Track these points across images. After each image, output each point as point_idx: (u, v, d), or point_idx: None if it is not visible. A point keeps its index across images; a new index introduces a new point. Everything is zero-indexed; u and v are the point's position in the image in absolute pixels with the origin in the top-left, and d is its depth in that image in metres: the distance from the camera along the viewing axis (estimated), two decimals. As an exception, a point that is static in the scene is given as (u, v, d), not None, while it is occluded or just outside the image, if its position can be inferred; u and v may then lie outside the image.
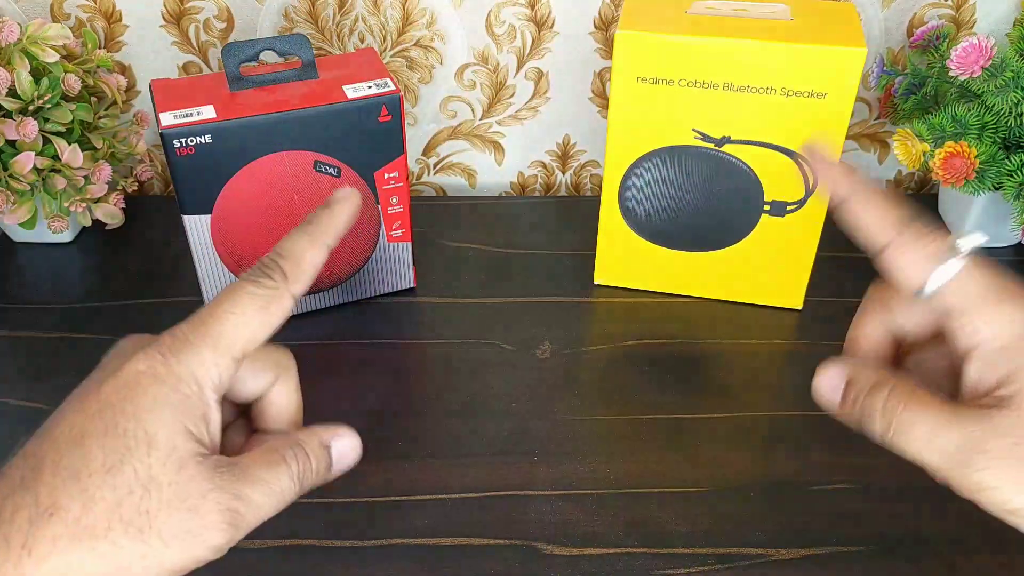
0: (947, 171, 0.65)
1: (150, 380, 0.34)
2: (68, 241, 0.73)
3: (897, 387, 0.36)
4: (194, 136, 0.55)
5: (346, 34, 0.75)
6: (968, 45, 0.63)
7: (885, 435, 0.36)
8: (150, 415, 0.33)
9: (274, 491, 0.35)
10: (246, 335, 0.35)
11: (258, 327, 0.36)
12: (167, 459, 0.33)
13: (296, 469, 0.36)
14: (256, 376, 0.39)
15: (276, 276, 0.36)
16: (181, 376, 0.34)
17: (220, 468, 0.34)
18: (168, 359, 0.35)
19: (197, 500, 0.33)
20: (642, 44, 0.58)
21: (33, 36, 0.64)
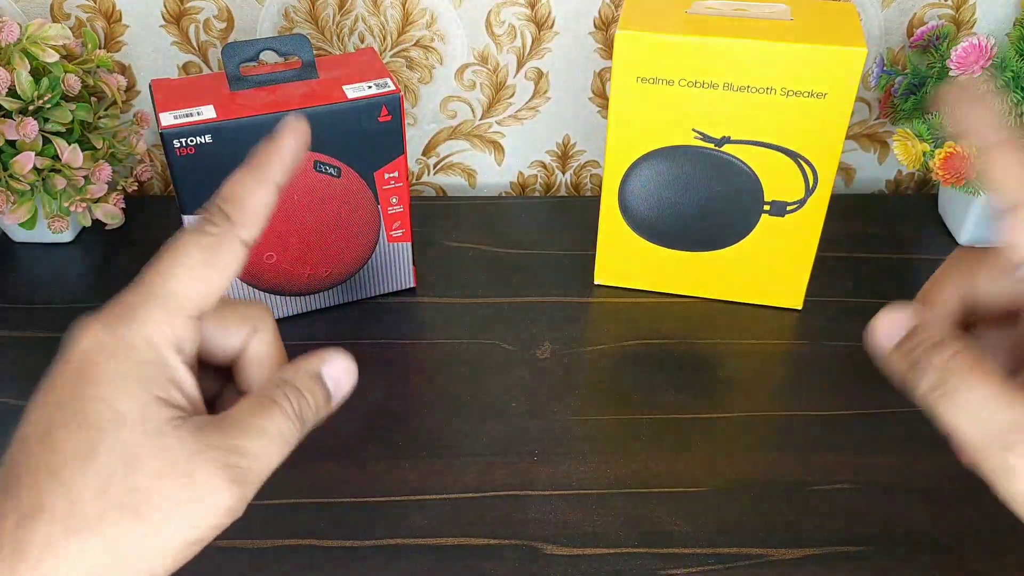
0: (947, 171, 0.65)
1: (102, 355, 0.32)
2: (68, 241, 0.73)
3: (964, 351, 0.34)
4: (194, 136, 0.55)
5: (346, 34, 0.75)
6: (968, 45, 0.63)
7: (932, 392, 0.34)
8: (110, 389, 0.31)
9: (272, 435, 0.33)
10: (197, 289, 0.33)
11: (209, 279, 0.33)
12: (142, 431, 0.31)
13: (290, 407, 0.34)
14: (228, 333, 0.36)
15: (219, 221, 0.34)
16: (134, 343, 0.32)
17: (205, 427, 0.32)
18: (116, 329, 0.32)
19: (188, 464, 0.31)
20: (642, 44, 0.58)
21: (33, 36, 0.64)
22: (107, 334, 0.32)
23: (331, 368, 0.35)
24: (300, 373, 0.35)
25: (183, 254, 0.33)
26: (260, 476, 0.33)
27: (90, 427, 0.31)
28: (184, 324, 0.33)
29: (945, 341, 0.34)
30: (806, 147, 0.59)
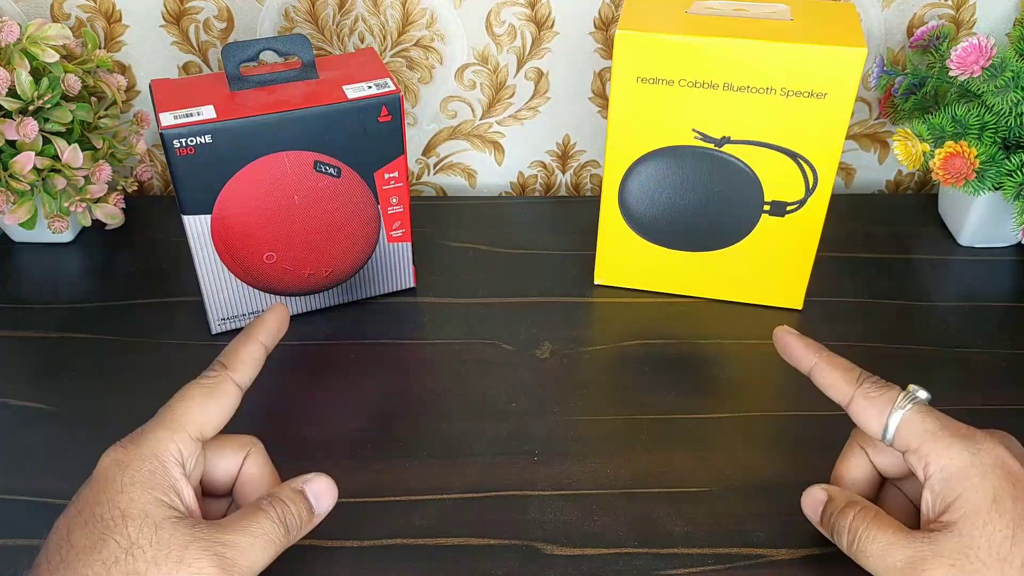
0: (947, 171, 0.65)
1: (116, 468, 0.39)
2: (68, 241, 0.73)
3: (864, 510, 0.42)
4: (194, 136, 0.55)
5: (346, 34, 0.75)
6: (968, 45, 0.63)
7: (851, 548, 0.42)
8: (121, 496, 0.38)
9: (257, 534, 0.40)
10: (197, 416, 0.41)
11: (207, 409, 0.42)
12: (143, 525, 0.37)
13: (275, 512, 0.41)
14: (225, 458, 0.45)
15: (216, 368, 0.44)
16: (143, 456, 0.39)
17: (199, 524, 0.39)
18: (129, 448, 0.40)
19: (181, 551, 0.37)
20: (642, 44, 0.58)
21: (33, 36, 0.64)
22: (123, 453, 0.40)
23: (313, 485, 0.44)
24: (285, 488, 0.43)
25: (188, 393, 0.42)
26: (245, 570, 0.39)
27: (99, 524, 0.37)
28: (185, 441, 0.41)
29: (848, 505, 0.43)
30: (806, 147, 0.59)
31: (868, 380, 0.44)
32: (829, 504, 0.44)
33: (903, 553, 0.39)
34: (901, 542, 0.40)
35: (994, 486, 0.39)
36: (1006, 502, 0.38)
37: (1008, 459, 0.40)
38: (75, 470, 0.54)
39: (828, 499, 0.44)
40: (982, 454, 0.40)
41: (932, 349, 0.63)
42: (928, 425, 0.41)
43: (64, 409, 0.59)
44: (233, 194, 0.58)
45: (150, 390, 0.59)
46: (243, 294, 0.63)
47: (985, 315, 0.67)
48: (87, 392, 0.60)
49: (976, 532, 0.38)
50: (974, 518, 0.38)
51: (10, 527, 0.51)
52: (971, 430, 0.42)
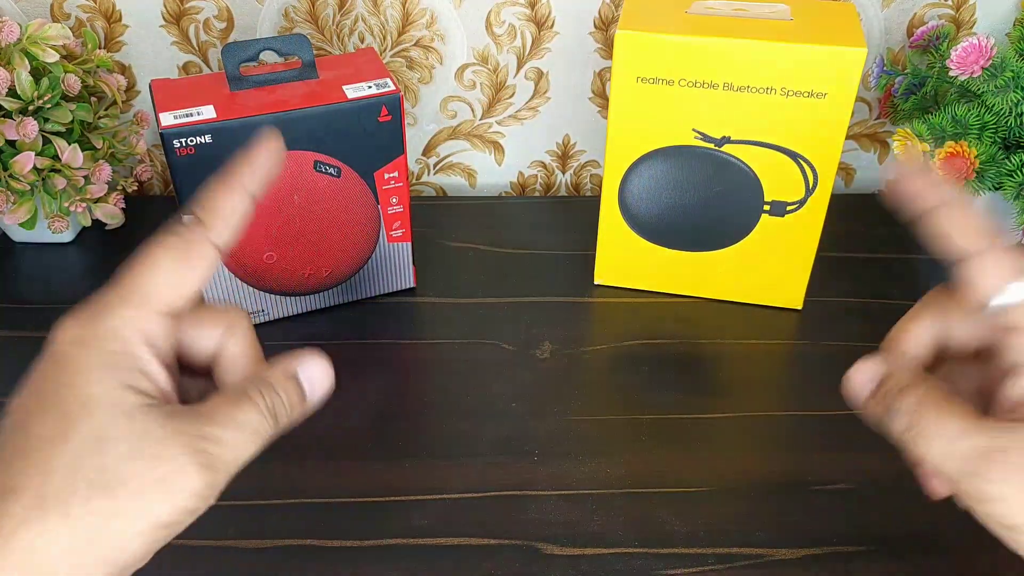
0: (947, 171, 0.65)
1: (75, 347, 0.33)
2: (68, 241, 0.73)
3: (931, 390, 0.37)
4: (194, 136, 0.55)
5: (346, 34, 0.75)
6: (968, 45, 0.63)
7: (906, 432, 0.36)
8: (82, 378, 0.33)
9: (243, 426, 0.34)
10: (167, 287, 0.35)
11: (179, 278, 0.35)
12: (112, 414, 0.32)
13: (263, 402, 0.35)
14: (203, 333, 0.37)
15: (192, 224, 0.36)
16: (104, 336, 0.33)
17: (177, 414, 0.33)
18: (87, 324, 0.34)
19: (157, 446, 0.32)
20: (642, 44, 0.58)
21: (33, 36, 0.64)
22: (80, 328, 0.33)
23: (307, 369, 0.37)
24: (276, 372, 0.36)
25: (155, 255, 0.35)
26: (230, 465, 0.34)
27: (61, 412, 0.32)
28: (155, 320, 0.34)
29: (912, 384, 0.37)
30: (806, 147, 0.59)
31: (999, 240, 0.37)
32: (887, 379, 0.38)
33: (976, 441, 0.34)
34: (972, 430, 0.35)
35: None
36: None
37: None
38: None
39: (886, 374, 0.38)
40: None
41: (932, 349, 0.63)
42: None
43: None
44: (233, 194, 0.58)
45: (150, 390, 0.60)
46: (243, 294, 0.63)
47: (985, 315, 0.67)
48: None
49: None
50: None
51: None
52: None
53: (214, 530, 0.50)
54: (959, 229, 0.38)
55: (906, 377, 0.38)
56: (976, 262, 0.37)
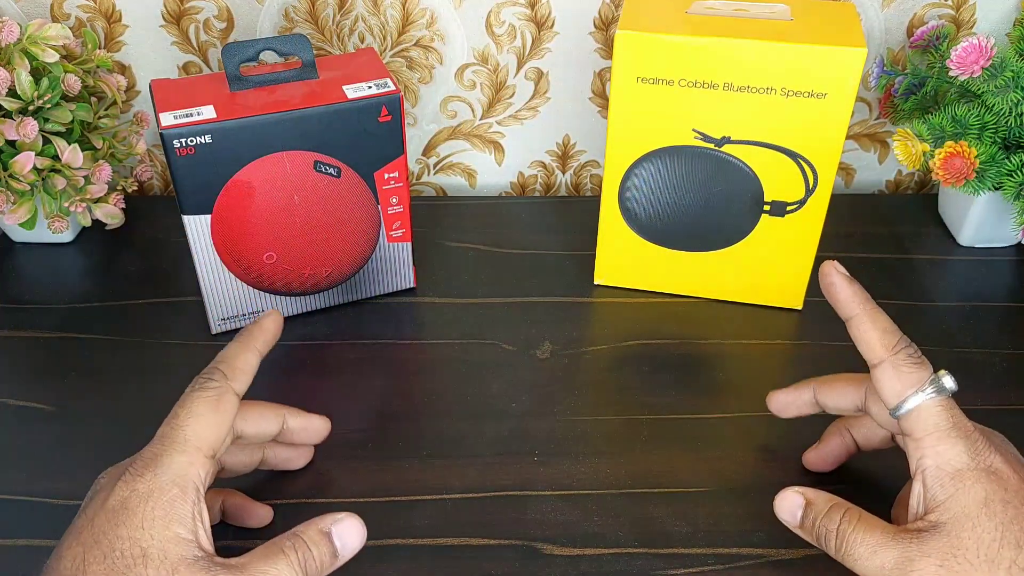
0: (947, 171, 0.65)
1: (136, 500, 0.37)
2: (68, 241, 0.73)
3: (849, 512, 0.42)
4: (194, 136, 0.55)
5: (346, 34, 0.75)
6: (968, 45, 0.63)
7: (838, 553, 0.42)
8: (141, 532, 0.37)
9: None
10: (210, 435, 0.40)
11: (216, 424, 0.40)
12: (160, 567, 0.36)
13: (296, 558, 0.39)
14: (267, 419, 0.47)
15: (217, 377, 0.42)
16: (163, 486, 0.38)
17: (215, 567, 0.37)
18: (146, 476, 0.38)
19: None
20: (642, 44, 0.58)
21: (33, 36, 0.64)
22: (142, 483, 0.38)
23: (341, 528, 0.41)
24: (311, 528, 0.40)
25: (193, 407, 0.40)
26: None
27: (119, 562, 0.36)
28: (202, 463, 0.39)
29: (833, 507, 0.42)
30: (806, 147, 0.59)
31: (905, 350, 0.42)
32: (809, 508, 0.43)
33: (891, 554, 0.39)
34: (889, 543, 0.40)
35: (986, 489, 0.39)
36: (996, 505, 0.39)
37: (1001, 464, 0.40)
38: (75, 470, 0.54)
39: (807, 503, 0.44)
40: (979, 458, 0.40)
41: (932, 349, 0.63)
42: (941, 421, 0.41)
43: (64, 409, 0.59)
44: (233, 194, 0.58)
45: (150, 390, 0.60)
46: (243, 294, 0.63)
47: (985, 315, 0.67)
48: (87, 392, 0.60)
49: (965, 534, 0.38)
50: (963, 520, 0.39)
51: (10, 527, 0.51)
52: (974, 430, 0.41)
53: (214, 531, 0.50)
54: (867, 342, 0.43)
55: (826, 502, 0.43)
56: (880, 374, 0.43)
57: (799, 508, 0.43)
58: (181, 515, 0.37)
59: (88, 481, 0.44)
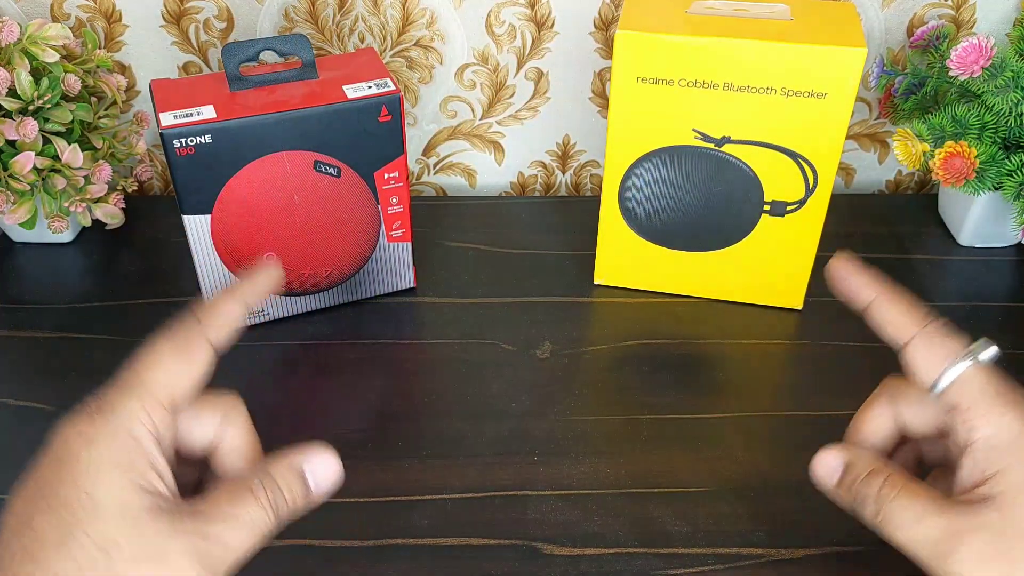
0: (947, 171, 0.65)
1: (81, 444, 0.34)
2: (68, 241, 0.73)
3: (892, 476, 0.39)
4: (194, 136, 0.55)
5: (346, 34, 0.75)
6: (968, 45, 0.63)
7: (875, 518, 0.39)
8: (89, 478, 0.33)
9: (244, 523, 0.35)
10: (169, 380, 0.35)
11: (179, 372, 0.36)
12: (119, 518, 0.32)
13: (265, 498, 0.35)
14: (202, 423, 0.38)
15: (189, 321, 0.37)
16: (114, 433, 0.34)
17: (181, 514, 0.34)
18: (96, 419, 0.34)
19: (161, 550, 0.33)
20: (642, 44, 0.58)
21: (33, 36, 0.64)
22: (88, 425, 0.34)
23: (312, 463, 0.37)
24: (280, 465, 0.36)
25: (156, 351, 0.36)
26: (230, 562, 0.34)
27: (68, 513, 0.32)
28: (159, 413, 0.35)
29: (874, 472, 0.39)
30: (806, 147, 0.59)
31: (934, 323, 0.39)
32: (850, 470, 0.40)
33: (939, 524, 0.36)
34: (936, 512, 0.37)
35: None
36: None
37: None
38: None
39: (847, 464, 0.40)
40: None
41: (932, 349, 0.63)
42: (987, 386, 0.38)
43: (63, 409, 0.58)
44: (233, 194, 0.58)
45: (150, 390, 0.60)
46: (243, 294, 0.63)
47: (985, 315, 0.67)
48: (87, 392, 0.59)
49: (1018, 509, 0.35)
50: (1017, 494, 0.36)
51: (10, 527, 0.51)
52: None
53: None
54: (891, 322, 0.40)
55: (867, 464, 0.40)
56: (912, 350, 0.39)
57: (837, 470, 0.40)
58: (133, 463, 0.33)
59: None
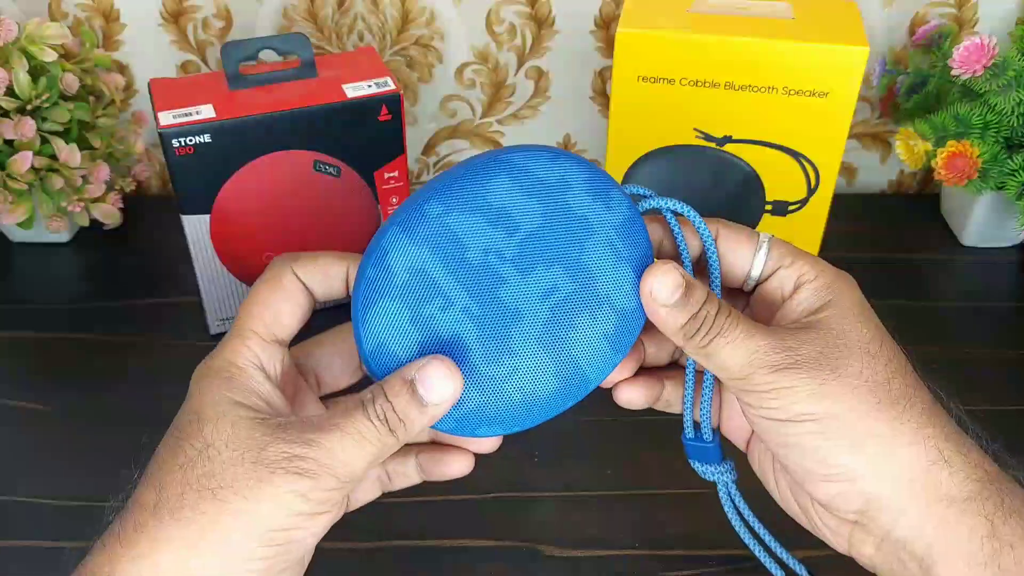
0: (950, 171, 0.65)
1: (197, 382, 0.36)
2: (66, 241, 0.73)
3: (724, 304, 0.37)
4: (193, 135, 0.55)
5: (345, 33, 0.75)
6: (970, 44, 0.63)
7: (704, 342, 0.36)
8: (197, 402, 0.35)
9: (348, 432, 0.34)
10: (264, 315, 0.38)
11: (275, 305, 0.38)
12: (217, 425, 0.34)
13: (373, 408, 0.35)
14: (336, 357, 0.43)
15: (279, 263, 0.39)
16: (219, 366, 0.36)
17: (284, 423, 0.35)
18: (207, 361, 0.37)
19: (258, 451, 0.34)
20: (643, 43, 0.57)
21: (31, 35, 0.64)
22: (201, 367, 0.37)
23: (425, 373, 0.36)
24: (393, 378, 0.36)
25: (252, 292, 0.39)
26: (333, 471, 0.34)
27: (178, 433, 0.35)
28: (261, 346, 0.37)
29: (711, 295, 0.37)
30: (808, 146, 0.59)
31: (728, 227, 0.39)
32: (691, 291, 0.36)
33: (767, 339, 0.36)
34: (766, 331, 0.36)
35: (862, 298, 0.38)
36: (872, 314, 0.38)
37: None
38: (71, 470, 0.54)
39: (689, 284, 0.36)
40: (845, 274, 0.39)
41: (935, 349, 0.63)
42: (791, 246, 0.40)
43: (60, 409, 0.58)
44: (232, 194, 0.58)
45: (147, 390, 0.59)
46: (242, 294, 0.63)
47: (988, 315, 0.66)
48: (84, 392, 0.60)
49: (847, 326, 0.37)
50: (848, 315, 0.37)
51: (10, 528, 0.51)
52: None
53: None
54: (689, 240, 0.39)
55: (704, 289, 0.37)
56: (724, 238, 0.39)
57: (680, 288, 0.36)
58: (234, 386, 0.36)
59: (89, 481, 0.43)
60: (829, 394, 0.35)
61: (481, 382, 0.37)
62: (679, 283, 0.36)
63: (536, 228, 0.36)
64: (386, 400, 0.35)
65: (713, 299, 0.37)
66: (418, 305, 0.36)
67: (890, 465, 0.35)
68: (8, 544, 0.50)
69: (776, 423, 0.36)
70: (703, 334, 0.36)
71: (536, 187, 0.36)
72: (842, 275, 0.39)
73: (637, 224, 0.37)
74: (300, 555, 0.36)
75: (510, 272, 0.36)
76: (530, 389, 0.37)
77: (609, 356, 0.38)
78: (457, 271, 0.36)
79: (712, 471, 0.44)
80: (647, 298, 0.37)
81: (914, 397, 0.36)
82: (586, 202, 0.37)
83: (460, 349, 0.36)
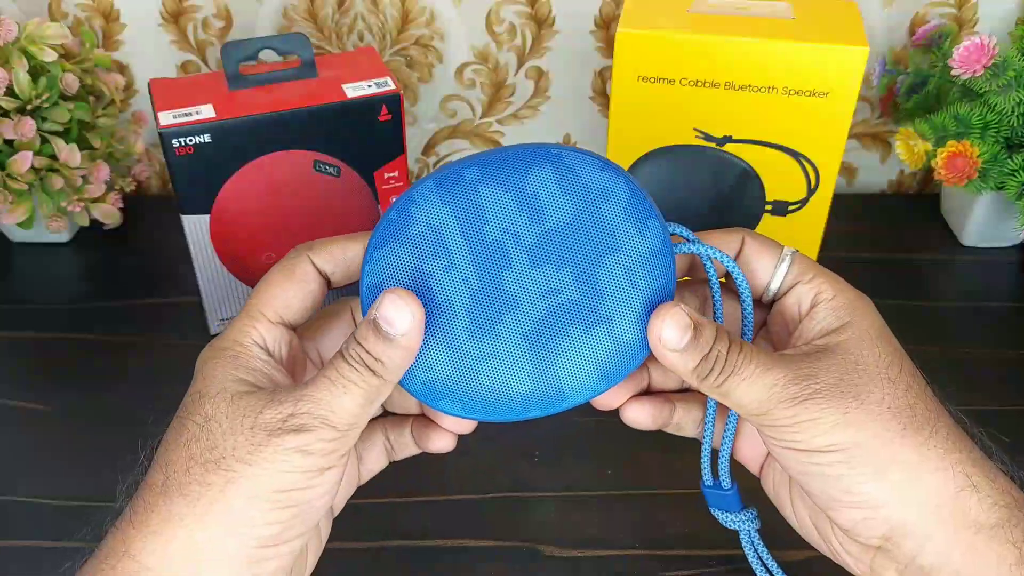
0: (950, 171, 0.65)
1: (202, 363, 0.37)
2: (66, 241, 0.73)
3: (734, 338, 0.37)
4: (193, 135, 0.55)
5: (345, 33, 0.75)
6: (970, 44, 0.63)
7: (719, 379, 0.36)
8: (199, 380, 0.36)
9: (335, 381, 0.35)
10: (275, 300, 0.38)
11: (285, 291, 0.38)
12: (217, 399, 0.35)
13: (350, 354, 0.36)
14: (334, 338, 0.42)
15: (296, 252, 0.39)
16: (224, 346, 0.37)
17: (279, 390, 0.36)
18: (214, 342, 0.38)
19: (255, 416, 0.34)
20: (643, 43, 0.57)
21: (31, 35, 0.64)
22: (208, 350, 0.38)
23: (380, 308, 0.36)
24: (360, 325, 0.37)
25: (266, 276, 0.39)
26: (328, 421, 0.35)
27: (182, 412, 0.36)
28: (267, 327, 0.38)
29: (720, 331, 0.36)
30: (808, 146, 0.59)
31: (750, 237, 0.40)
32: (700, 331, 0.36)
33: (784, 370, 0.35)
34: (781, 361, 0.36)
35: (880, 320, 0.38)
36: (891, 336, 0.37)
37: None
38: (71, 470, 0.54)
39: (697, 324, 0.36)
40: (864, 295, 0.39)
41: (935, 349, 0.63)
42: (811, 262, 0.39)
43: (60, 409, 0.58)
44: (232, 194, 0.58)
45: (149, 390, 0.59)
46: (242, 294, 0.63)
47: (988, 315, 0.66)
48: (84, 392, 0.60)
49: (866, 351, 0.36)
50: (865, 338, 0.36)
51: (10, 528, 0.51)
52: None
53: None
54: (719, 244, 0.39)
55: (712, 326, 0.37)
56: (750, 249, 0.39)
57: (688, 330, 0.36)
58: (237, 364, 0.36)
59: (88, 482, 0.43)
60: (853, 423, 0.35)
61: (456, 355, 0.36)
62: (687, 324, 0.35)
63: (561, 225, 0.36)
64: (357, 344, 0.36)
65: (723, 336, 0.36)
66: (423, 259, 0.36)
67: (916, 491, 0.34)
68: (8, 544, 0.50)
69: (799, 453, 0.36)
70: (716, 374, 0.36)
71: (576, 188, 0.36)
72: (861, 296, 0.39)
73: (665, 260, 0.36)
74: (313, 520, 0.36)
75: (521, 258, 0.36)
76: (501, 380, 0.37)
77: (593, 381, 0.37)
78: (471, 240, 0.36)
79: (733, 519, 0.43)
80: (655, 343, 0.36)
81: (937, 423, 0.35)
82: (619, 220, 0.36)
83: (448, 315, 0.36)
